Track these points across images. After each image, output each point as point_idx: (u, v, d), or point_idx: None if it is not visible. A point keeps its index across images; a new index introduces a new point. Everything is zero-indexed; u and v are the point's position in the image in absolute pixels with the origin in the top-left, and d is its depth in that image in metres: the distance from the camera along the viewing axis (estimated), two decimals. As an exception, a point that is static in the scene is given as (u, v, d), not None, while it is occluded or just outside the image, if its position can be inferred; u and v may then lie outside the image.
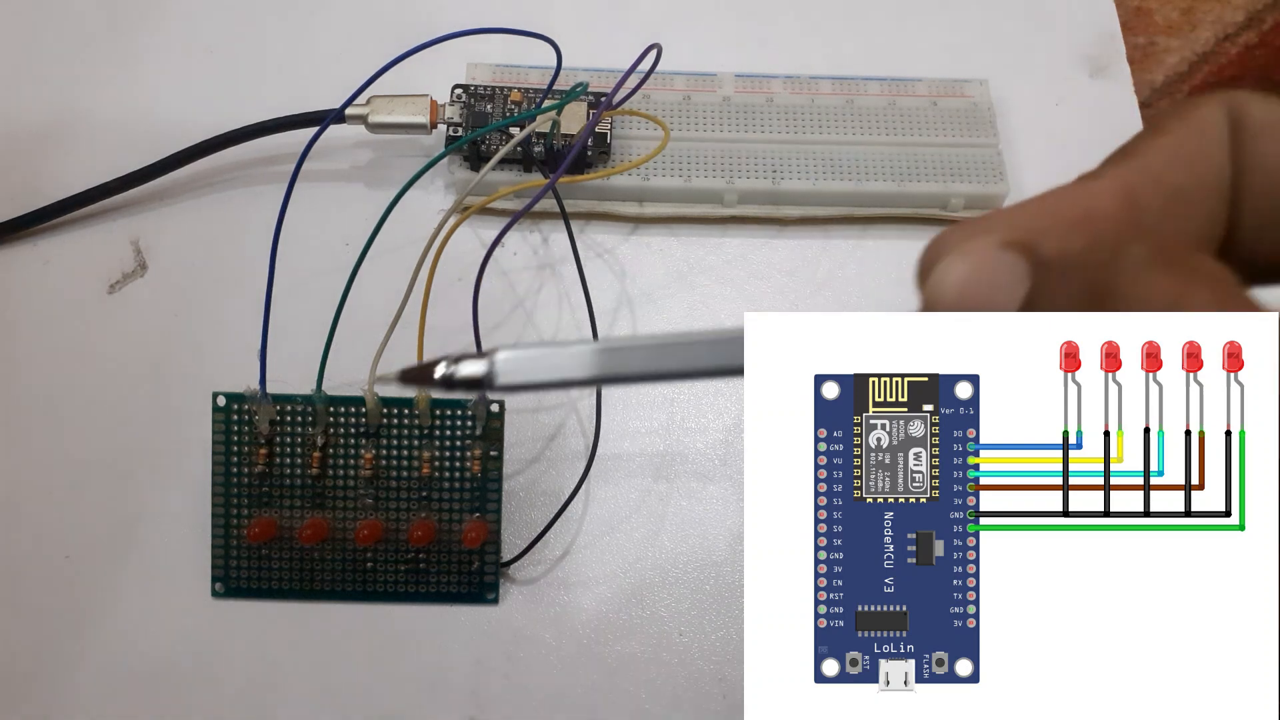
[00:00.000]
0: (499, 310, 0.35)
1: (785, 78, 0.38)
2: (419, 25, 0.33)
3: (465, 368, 0.18)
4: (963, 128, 0.37)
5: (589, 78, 0.36)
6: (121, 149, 0.36)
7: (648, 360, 0.18)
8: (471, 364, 0.18)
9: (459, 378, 0.18)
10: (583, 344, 0.18)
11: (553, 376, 0.18)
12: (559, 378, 0.18)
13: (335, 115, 0.34)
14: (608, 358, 0.18)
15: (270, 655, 0.31)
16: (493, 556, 0.31)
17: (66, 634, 0.31)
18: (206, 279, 0.35)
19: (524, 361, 0.18)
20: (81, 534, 0.32)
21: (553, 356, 0.18)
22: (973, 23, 0.40)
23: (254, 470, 0.30)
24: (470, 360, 0.18)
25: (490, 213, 0.36)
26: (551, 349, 0.18)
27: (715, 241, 0.37)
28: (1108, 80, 0.40)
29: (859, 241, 0.37)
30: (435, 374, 0.18)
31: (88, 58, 0.39)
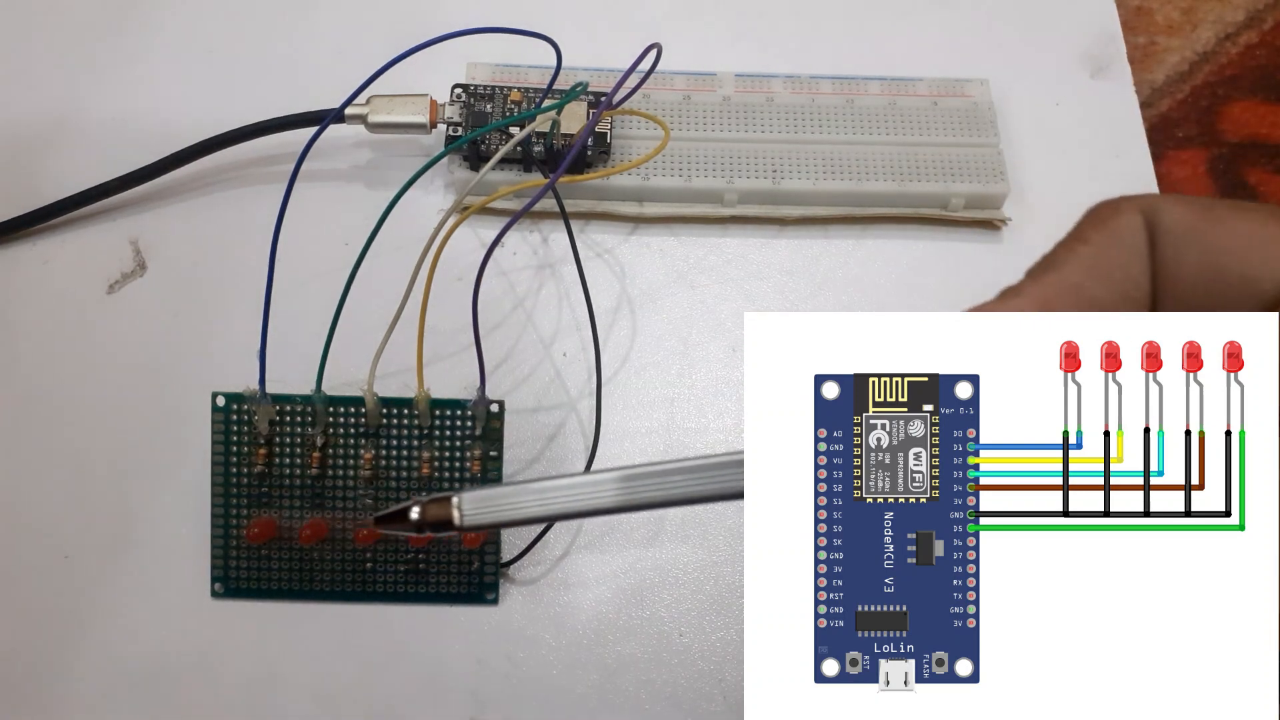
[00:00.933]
0: (499, 310, 0.35)
1: (785, 78, 0.38)
2: (419, 25, 0.33)
3: (433, 511, 0.19)
4: (963, 128, 0.37)
5: (589, 77, 0.36)
6: (121, 149, 0.36)
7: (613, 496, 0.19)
8: (438, 507, 0.19)
9: (429, 520, 0.19)
10: (541, 481, 0.19)
11: (514, 516, 0.19)
12: (520, 516, 0.19)
13: (335, 115, 0.34)
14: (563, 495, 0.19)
15: (270, 655, 0.31)
16: (493, 557, 0.31)
17: (66, 634, 0.31)
18: (206, 279, 0.35)
19: (485, 499, 0.19)
20: (81, 534, 0.32)
21: (512, 495, 0.19)
22: (973, 23, 0.40)
23: (253, 470, 0.30)
24: (436, 504, 0.19)
25: (490, 213, 0.36)
26: (510, 489, 0.19)
27: (715, 241, 0.37)
28: (1108, 80, 0.40)
29: (859, 241, 0.37)
30: (409, 516, 0.20)
31: (88, 58, 0.39)
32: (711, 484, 0.19)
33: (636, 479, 0.19)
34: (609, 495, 0.19)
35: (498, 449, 0.30)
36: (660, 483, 0.19)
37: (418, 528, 0.20)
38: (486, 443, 0.30)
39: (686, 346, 0.35)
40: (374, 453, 0.30)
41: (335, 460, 0.30)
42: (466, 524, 0.19)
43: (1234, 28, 0.42)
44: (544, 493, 0.19)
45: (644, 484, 0.19)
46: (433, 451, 0.30)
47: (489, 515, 0.19)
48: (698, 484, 0.19)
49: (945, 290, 0.36)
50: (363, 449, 0.30)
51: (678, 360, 0.35)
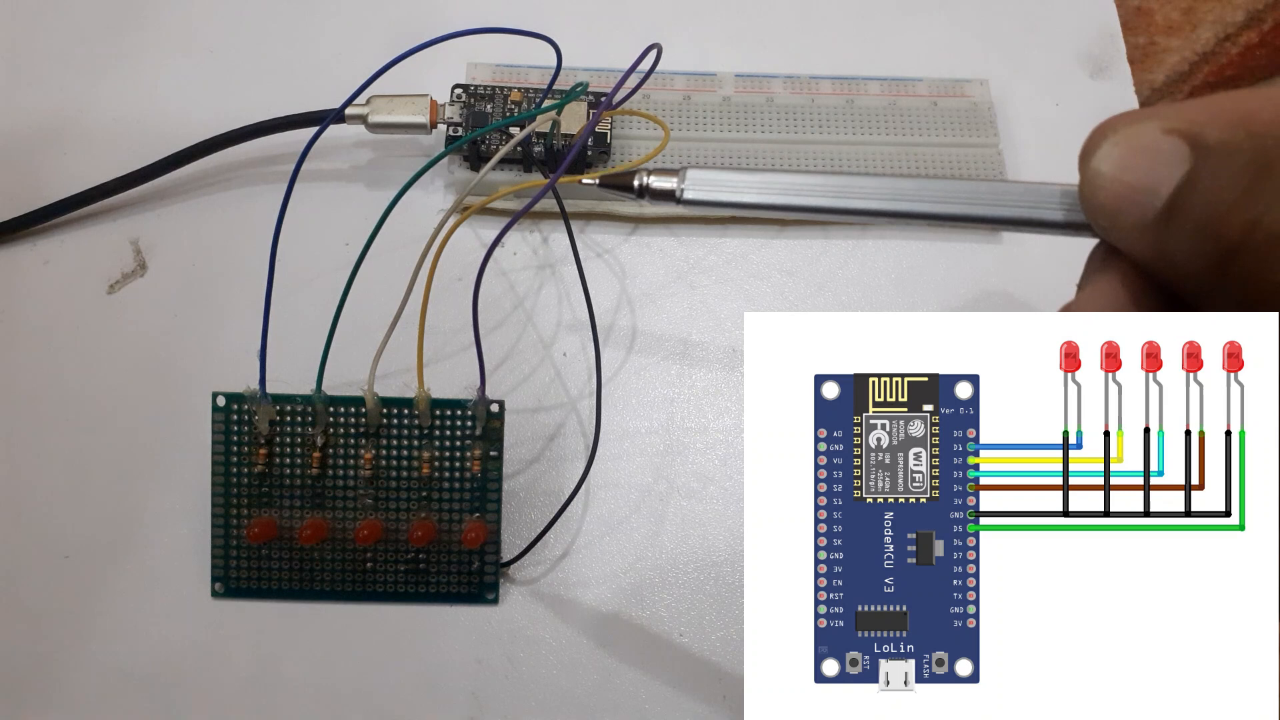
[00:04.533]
0: (499, 310, 0.35)
1: (785, 78, 0.38)
2: (419, 25, 0.33)
3: (657, 181, 0.21)
4: (963, 128, 0.37)
5: (589, 78, 0.36)
6: (121, 149, 0.36)
7: (826, 195, 0.20)
8: (663, 179, 0.21)
9: (652, 188, 0.21)
10: (767, 172, 0.20)
11: (735, 198, 0.20)
12: (740, 200, 0.20)
13: (335, 115, 0.34)
14: (790, 186, 0.20)
15: (270, 655, 0.31)
16: (493, 557, 0.31)
17: (66, 634, 0.31)
18: (206, 279, 0.35)
19: (710, 180, 0.20)
20: (81, 534, 0.32)
21: (737, 179, 0.20)
22: (973, 23, 0.41)
23: (254, 470, 0.30)
24: (662, 175, 0.21)
25: (490, 213, 0.36)
26: (736, 173, 0.20)
27: (715, 241, 0.37)
28: (1108, 80, 0.40)
29: (859, 241, 0.37)
30: (632, 183, 0.21)
31: (88, 58, 0.39)
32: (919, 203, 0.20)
33: (850, 181, 0.20)
34: (828, 195, 0.20)
35: (498, 449, 0.30)
36: (871, 187, 0.20)
37: (639, 193, 0.21)
38: (486, 443, 0.30)
39: (686, 346, 0.35)
40: (374, 453, 0.30)
41: (335, 460, 0.30)
42: (687, 197, 0.20)
43: (1234, 28, 0.42)
44: (766, 181, 0.20)
45: (858, 186, 0.20)
46: (433, 451, 0.30)
47: (710, 193, 0.20)
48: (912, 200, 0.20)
49: (945, 290, 0.36)
50: (363, 449, 0.30)
51: (678, 360, 0.35)
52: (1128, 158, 0.17)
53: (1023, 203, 0.19)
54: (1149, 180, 0.17)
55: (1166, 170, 0.17)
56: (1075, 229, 0.19)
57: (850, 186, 0.20)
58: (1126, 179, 0.17)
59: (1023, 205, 0.19)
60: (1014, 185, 0.20)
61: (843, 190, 0.20)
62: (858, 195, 0.20)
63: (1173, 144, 0.17)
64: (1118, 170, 0.17)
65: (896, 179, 0.20)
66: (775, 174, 0.20)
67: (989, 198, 0.20)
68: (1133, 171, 0.17)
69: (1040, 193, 0.19)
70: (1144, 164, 0.17)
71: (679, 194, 0.20)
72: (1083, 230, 0.19)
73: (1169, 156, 0.17)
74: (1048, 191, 0.19)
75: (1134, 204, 0.17)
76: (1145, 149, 0.17)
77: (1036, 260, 0.36)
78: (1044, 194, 0.19)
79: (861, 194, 0.20)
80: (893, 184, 0.20)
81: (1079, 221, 0.19)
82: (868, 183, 0.20)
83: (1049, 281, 0.36)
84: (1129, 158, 0.17)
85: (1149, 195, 0.17)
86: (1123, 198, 0.17)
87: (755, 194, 0.20)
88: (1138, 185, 0.17)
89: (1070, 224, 0.19)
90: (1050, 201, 0.19)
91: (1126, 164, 0.17)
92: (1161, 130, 0.17)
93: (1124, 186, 0.17)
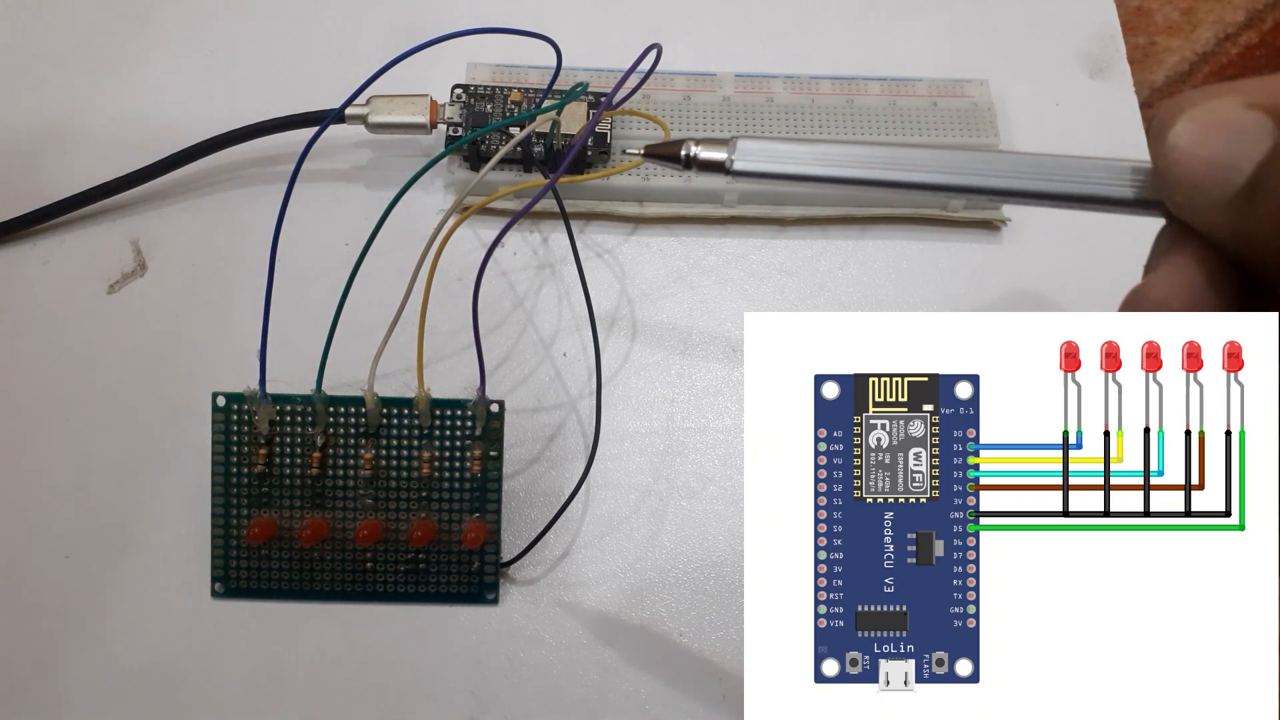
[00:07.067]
0: (499, 310, 0.35)
1: (785, 78, 0.38)
2: (419, 25, 0.33)
3: (705, 152, 0.20)
4: (963, 128, 0.37)
5: (589, 78, 0.36)
6: (121, 149, 0.36)
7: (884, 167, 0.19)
8: (712, 149, 0.20)
9: (700, 159, 0.20)
10: (822, 142, 0.19)
11: (788, 169, 0.19)
12: (794, 171, 0.19)
13: (335, 115, 0.34)
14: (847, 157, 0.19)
15: (270, 655, 0.31)
16: (493, 557, 0.31)
17: (66, 633, 0.31)
18: (206, 279, 0.35)
19: (762, 151, 0.19)
20: (81, 533, 0.32)
21: (791, 149, 0.19)
22: (972, 23, 0.40)
23: (254, 470, 0.30)
24: (711, 145, 0.20)
25: (490, 213, 0.36)
26: (790, 143, 0.19)
27: (715, 241, 0.37)
28: (1108, 80, 0.40)
29: (859, 241, 0.37)
30: (680, 153, 0.20)
31: (88, 58, 0.39)
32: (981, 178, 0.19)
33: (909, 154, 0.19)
34: (886, 168, 0.19)
35: (498, 449, 0.30)
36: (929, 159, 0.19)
37: (686, 163, 0.20)
38: (486, 443, 0.30)
39: (686, 346, 0.35)
40: (374, 453, 0.30)
41: (335, 460, 0.30)
42: (737, 168, 0.19)
43: (1234, 28, 0.42)
44: (822, 153, 0.19)
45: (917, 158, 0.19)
46: (433, 451, 0.30)
47: (762, 164, 0.19)
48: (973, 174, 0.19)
49: (945, 290, 0.36)
50: (363, 449, 0.30)
51: (678, 360, 0.35)
52: (1207, 132, 0.17)
53: (1091, 179, 0.19)
54: (1230, 156, 0.17)
55: (1249, 146, 0.16)
56: (1145, 207, 0.18)
57: (909, 159, 0.19)
58: (1205, 154, 0.17)
59: (1091, 181, 0.19)
60: (1082, 160, 0.19)
61: (902, 162, 0.19)
62: (917, 168, 0.19)
63: (1256, 119, 0.16)
64: (1195, 145, 0.17)
65: (957, 152, 0.19)
66: (830, 144, 0.19)
67: (1055, 173, 0.19)
68: (1212, 146, 0.17)
69: (1109, 168, 0.19)
70: (1224, 139, 0.17)
71: (729, 165, 0.19)
72: (1153, 209, 0.18)
73: (1252, 131, 0.16)
74: (1118, 167, 0.19)
75: (1213, 180, 0.17)
76: (1226, 124, 0.17)
77: (1037, 260, 0.36)
78: (1114, 170, 0.19)
79: (920, 166, 0.19)
80: (953, 157, 0.19)
81: (1150, 199, 0.18)
82: (926, 155, 0.19)
83: (1049, 281, 0.36)
84: (1208, 132, 0.17)
85: (1230, 171, 0.16)
86: (1201, 174, 0.17)
87: (810, 165, 0.19)
88: (1217, 161, 0.17)
89: (1141, 201, 0.18)
90: (1120, 178, 0.19)
91: (1205, 139, 0.17)
92: (1244, 104, 0.17)
93: (1202, 163, 0.17)
